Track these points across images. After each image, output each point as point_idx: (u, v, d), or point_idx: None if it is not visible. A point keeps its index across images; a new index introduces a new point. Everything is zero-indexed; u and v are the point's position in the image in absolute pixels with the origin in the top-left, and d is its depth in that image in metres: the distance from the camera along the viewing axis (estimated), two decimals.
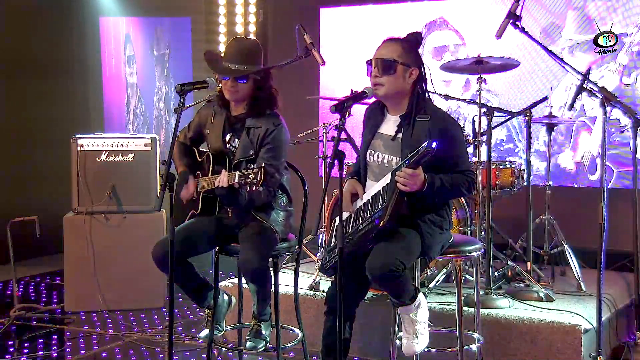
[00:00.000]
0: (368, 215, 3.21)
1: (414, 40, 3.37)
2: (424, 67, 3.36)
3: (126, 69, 7.62)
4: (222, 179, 3.39)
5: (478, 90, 4.50)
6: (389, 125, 3.37)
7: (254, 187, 3.29)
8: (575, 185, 5.67)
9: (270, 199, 3.65)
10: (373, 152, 3.40)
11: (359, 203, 3.35)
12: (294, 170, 3.87)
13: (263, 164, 3.31)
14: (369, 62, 3.35)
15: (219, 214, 3.69)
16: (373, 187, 3.32)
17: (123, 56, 7.60)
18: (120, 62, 7.59)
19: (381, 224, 3.10)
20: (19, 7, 7.02)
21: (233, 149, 3.70)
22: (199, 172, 3.75)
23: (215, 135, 3.76)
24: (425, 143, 3.02)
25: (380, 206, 3.15)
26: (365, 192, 3.38)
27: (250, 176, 3.28)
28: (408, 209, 3.18)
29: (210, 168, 3.69)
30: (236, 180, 3.33)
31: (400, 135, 3.30)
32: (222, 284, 4.40)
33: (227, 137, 3.73)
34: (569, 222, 5.12)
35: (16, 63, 7.01)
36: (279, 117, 3.69)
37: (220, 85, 3.70)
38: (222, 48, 6.88)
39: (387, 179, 3.20)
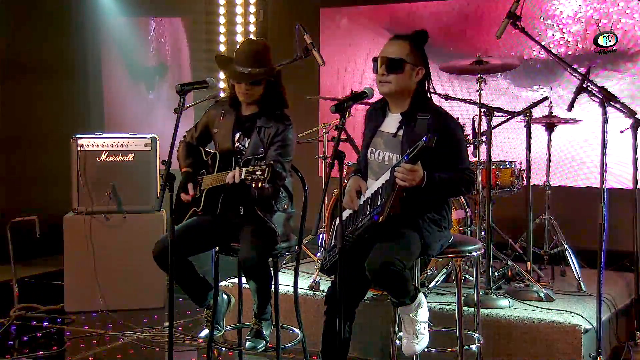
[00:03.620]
0: (367, 212, 3.22)
1: (421, 39, 3.36)
2: (429, 67, 3.36)
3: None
4: (235, 175, 3.39)
5: (478, 90, 4.50)
6: (390, 123, 3.37)
7: (260, 184, 3.29)
8: (575, 185, 5.66)
9: (276, 195, 3.65)
10: (374, 150, 3.40)
11: (361, 200, 3.35)
12: (293, 170, 3.86)
13: (271, 161, 3.31)
14: (375, 60, 3.35)
15: (221, 212, 3.70)
16: (373, 185, 3.32)
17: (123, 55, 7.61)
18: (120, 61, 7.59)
19: (380, 220, 3.10)
20: (18, 8, 7.01)
21: (242, 147, 3.71)
22: (203, 170, 3.76)
23: (224, 133, 3.76)
24: (424, 138, 3.02)
25: (379, 202, 3.16)
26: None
27: (257, 172, 3.28)
28: (407, 207, 3.18)
29: (216, 166, 3.69)
30: (242, 177, 3.33)
31: (401, 132, 3.30)
32: (222, 284, 4.40)
33: (237, 136, 3.74)
34: (569, 222, 5.12)
35: (16, 63, 7.01)
36: (288, 117, 3.72)
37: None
38: (222, 48, 6.87)
39: (386, 175, 3.20)
